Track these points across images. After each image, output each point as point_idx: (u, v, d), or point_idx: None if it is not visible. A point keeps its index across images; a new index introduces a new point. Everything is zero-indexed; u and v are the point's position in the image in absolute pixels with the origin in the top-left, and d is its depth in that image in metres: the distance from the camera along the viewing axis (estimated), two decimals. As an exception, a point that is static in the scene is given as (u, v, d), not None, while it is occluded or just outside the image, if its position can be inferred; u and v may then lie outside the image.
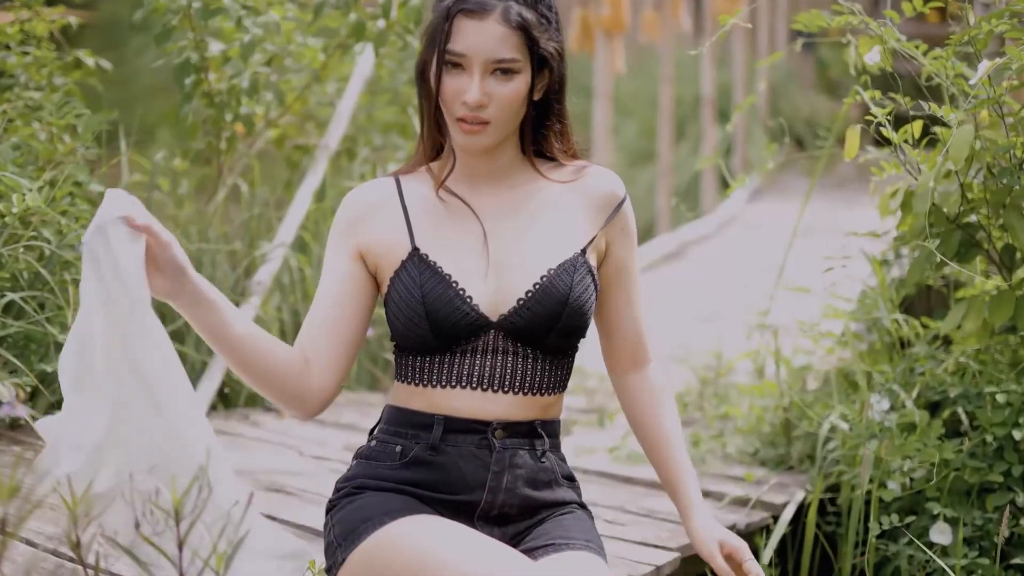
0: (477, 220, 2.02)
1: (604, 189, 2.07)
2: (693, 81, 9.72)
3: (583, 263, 2.02)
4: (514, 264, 2.00)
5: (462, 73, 1.96)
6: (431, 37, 1.97)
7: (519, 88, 1.96)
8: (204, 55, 3.83)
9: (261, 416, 3.81)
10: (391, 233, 2.02)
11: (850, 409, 3.32)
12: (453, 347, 1.99)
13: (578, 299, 2.00)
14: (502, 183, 2.04)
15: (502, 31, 1.94)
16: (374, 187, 2.07)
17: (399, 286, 2.00)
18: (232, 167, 4.13)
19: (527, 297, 1.99)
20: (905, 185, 3.19)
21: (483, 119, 1.96)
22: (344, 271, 2.04)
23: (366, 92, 4.36)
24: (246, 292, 3.82)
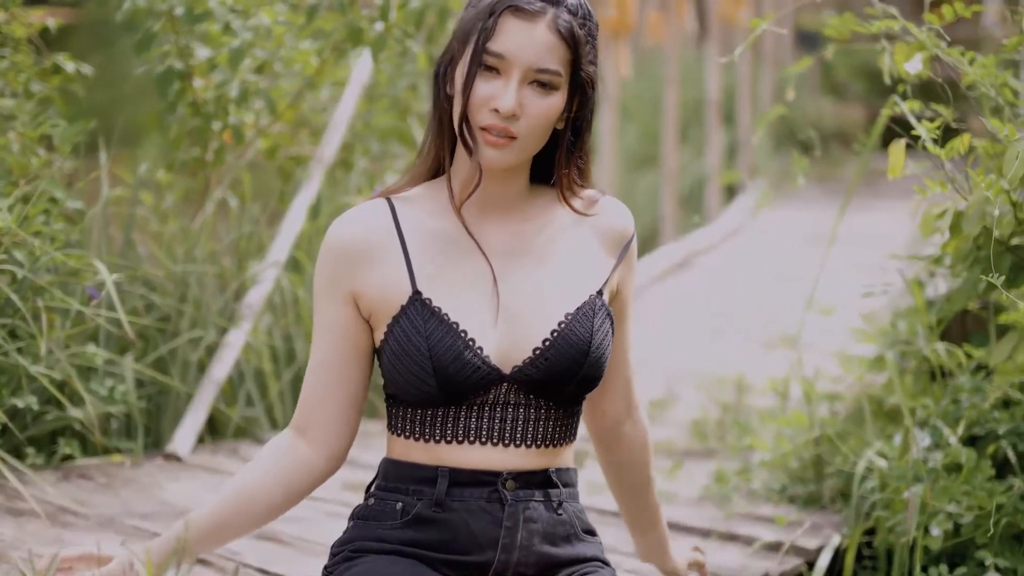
0: (484, 258, 1.85)
1: (616, 224, 1.93)
2: (695, 84, 9.49)
3: (601, 305, 1.87)
4: (527, 309, 1.84)
5: (496, 77, 1.79)
6: (467, 32, 1.80)
7: (555, 106, 1.80)
8: (189, 62, 3.57)
9: (250, 450, 3.55)
10: (388, 274, 1.84)
11: (889, 446, 3.08)
12: (459, 401, 1.83)
13: (599, 347, 1.85)
14: (512, 215, 1.87)
15: (551, 39, 1.78)
16: (365, 219, 1.85)
17: (399, 335, 1.82)
18: (220, 180, 3.87)
19: (544, 347, 1.83)
20: (952, 205, 2.94)
21: (511, 132, 1.78)
22: (341, 323, 1.86)
23: (363, 98, 4.10)
24: (235, 316, 3.56)
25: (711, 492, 3.44)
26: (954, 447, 2.90)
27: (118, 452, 3.28)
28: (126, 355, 3.33)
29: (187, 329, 3.49)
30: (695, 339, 5.76)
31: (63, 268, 3.16)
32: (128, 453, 3.30)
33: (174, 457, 3.35)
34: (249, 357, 3.61)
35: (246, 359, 3.61)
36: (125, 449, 3.30)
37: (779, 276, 7.10)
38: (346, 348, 1.86)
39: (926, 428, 3.03)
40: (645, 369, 5.07)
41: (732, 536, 3.11)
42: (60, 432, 3.20)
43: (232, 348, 3.51)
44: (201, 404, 3.44)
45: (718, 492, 3.43)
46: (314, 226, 3.81)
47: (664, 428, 4.23)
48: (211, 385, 3.46)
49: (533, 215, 1.88)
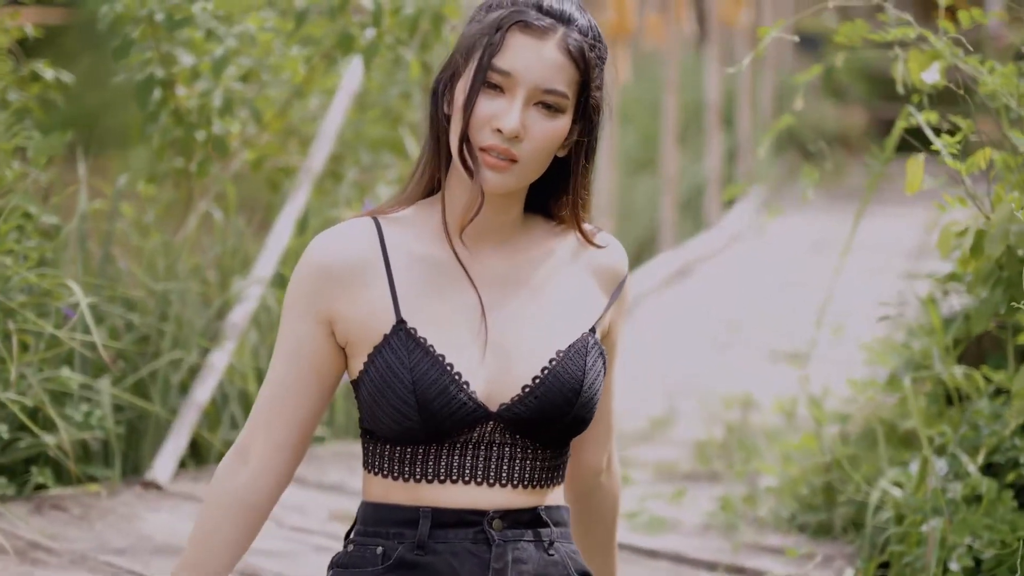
0: (473, 289, 1.75)
1: (611, 262, 1.83)
2: (695, 87, 9.35)
3: (594, 344, 1.78)
4: (517, 345, 1.75)
5: (500, 96, 1.69)
6: (471, 47, 1.71)
7: (560, 130, 1.71)
8: (171, 70, 3.41)
9: (236, 475, 3.39)
10: (372, 300, 1.73)
11: (905, 475, 2.93)
12: (441, 439, 1.73)
13: (591, 387, 1.76)
14: (505, 245, 1.78)
15: (560, 59, 1.69)
16: (350, 238, 1.75)
17: (381, 366, 1.71)
18: (205, 192, 3.72)
19: (534, 384, 1.73)
20: (973, 222, 2.80)
21: (513, 155, 1.69)
22: (308, 345, 1.75)
23: (354, 107, 3.95)
24: (218, 336, 3.41)
25: (716, 520, 3.30)
26: (974, 477, 2.76)
27: (94, 481, 3.13)
28: (103, 378, 3.17)
29: (168, 350, 3.34)
30: (696, 351, 5.62)
31: (37, 288, 3.01)
32: (105, 482, 3.15)
33: (153, 485, 3.19)
34: (233, 378, 3.46)
35: (230, 380, 3.46)
36: (102, 477, 3.15)
37: (782, 285, 6.96)
38: (307, 371, 1.75)
39: (943, 456, 2.89)
40: (644, 382, 4.93)
41: (739, 569, 2.97)
42: (33, 460, 3.06)
43: (215, 370, 3.36)
44: (182, 429, 3.28)
45: (724, 520, 3.29)
46: (301, 241, 3.66)
47: (665, 448, 4.09)
48: (193, 409, 3.31)
49: (527, 246, 1.79)
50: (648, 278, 6.95)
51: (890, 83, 3.04)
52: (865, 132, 10.79)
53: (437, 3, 3.58)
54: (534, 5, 1.70)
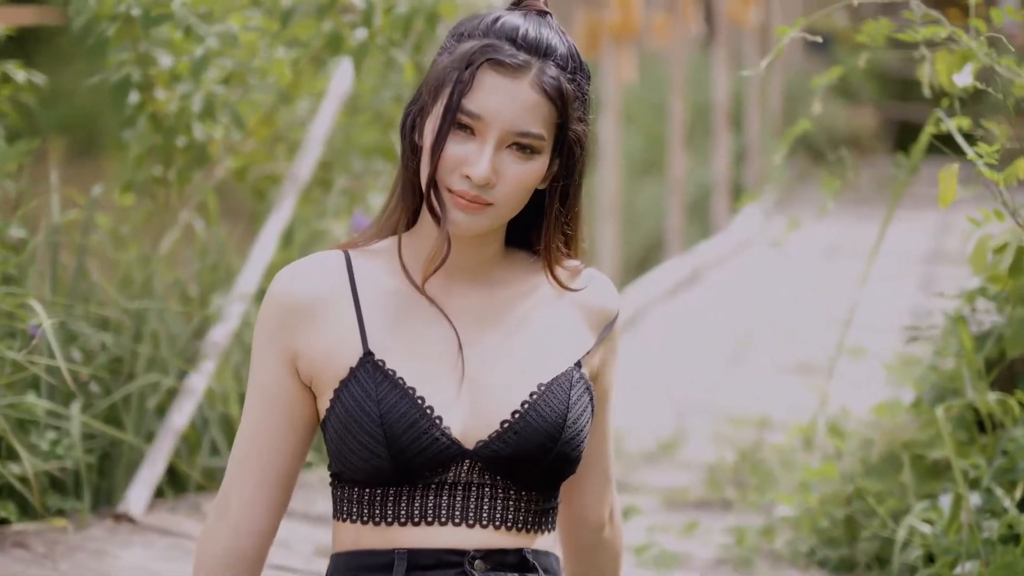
0: (448, 324, 1.66)
1: (600, 300, 1.74)
2: (701, 88, 9.13)
3: (580, 378, 1.68)
4: (495, 379, 1.65)
5: (470, 139, 1.60)
6: (440, 83, 1.62)
7: (536, 171, 1.62)
8: (148, 71, 3.20)
9: (216, 506, 3.17)
10: (337, 333, 1.65)
11: (936, 512, 2.71)
12: (414, 480, 1.63)
13: (576, 422, 1.66)
14: (483, 280, 1.69)
15: (534, 98, 1.59)
16: (316, 270, 1.67)
17: (347, 401, 1.63)
18: (186, 201, 3.51)
19: (513, 419, 1.63)
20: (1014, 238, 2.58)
21: (485, 200, 1.61)
22: (275, 387, 1.66)
23: (344, 111, 3.74)
24: (197, 356, 3.19)
25: (730, 554, 3.09)
26: (1011, 514, 2.55)
27: (61, 515, 2.91)
28: (72, 404, 2.96)
29: (143, 372, 3.12)
30: (705, 364, 5.40)
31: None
32: (73, 515, 2.93)
33: (126, 518, 2.98)
34: (214, 402, 3.24)
35: (210, 404, 3.24)
36: (70, 510, 2.93)
37: (794, 293, 6.74)
38: (278, 415, 1.66)
39: (977, 490, 2.68)
40: (650, 397, 4.72)
41: (756, 611, 2.75)
42: (-5, 493, 2.84)
43: (194, 393, 3.14)
44: (158, 457, 3.07)
45: (738, 555, 3.08)
46: (286, 254, 3.44)
47: (674, 473, 3.87)
48: (170, 435, 3.09)
49: (506, 282, 1.70)
50: (654, 286, 6.73)
51: (902, 83, 2.86)
52: (876, 133, 10.60)
53: (432, 2, 3.37)
54: (508, 37, 1.60)
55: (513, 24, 1.61)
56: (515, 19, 1.62)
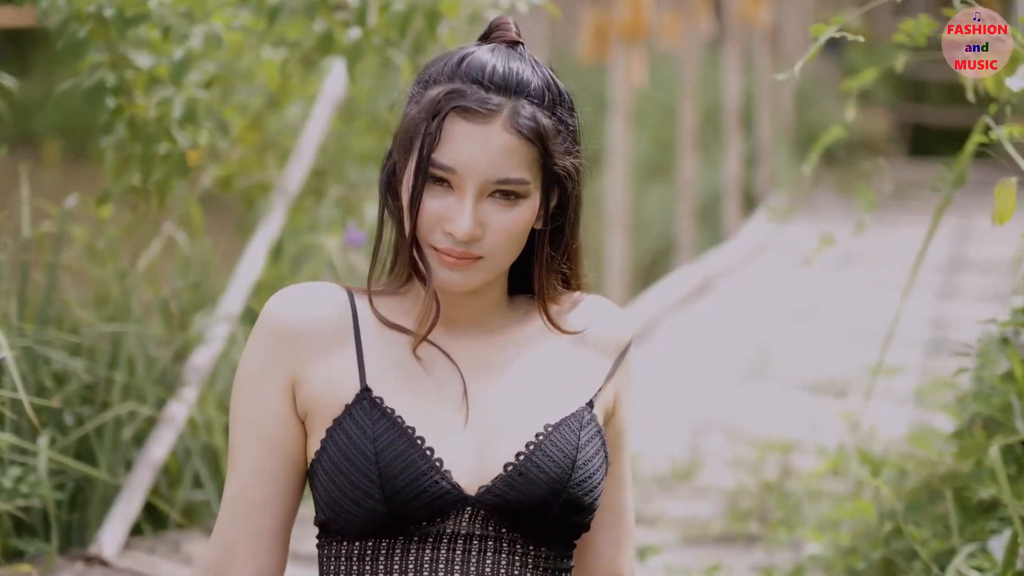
0: (453, 368, 1.56)
1: (609, 331, 1.63)
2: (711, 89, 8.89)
3: (591, 419, 1.57)
4: (500, 422, 1.55)
5: (448, 192, 1.51)
6: (409, 137, 1.52)
7: (524, 217, 1.52)
8: (124, 75, 2.95)
9: (196, 544, 2.93)
10: (336, 366, 1.54)
11: (988, 560, 2.47)
12: (410, 529, 1.49)
13: (586, 464, 1.53)
14: (482, 327, 1.60)
15: (509, 142, 1.49)
16: (318, 295, 1.57)
17: (340, 440, 1.51)
18: (168, 213, 3.27)
19: (518, 462, 1.51)
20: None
21: (474, 254, 1.51)
22: (273, 420, 1.53)
23: (338, 117, 3.49)
24: (177, 383, 2.94)
25: (757, 603, 2.84)
26: (1070, 562, 2.31)
27: (23, 558, 2.66)
28: (40, 437, 2.71)
29: (119, 400, 2.88)
30: (720, 380, 5.16)
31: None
32: (39, 558, 2.69)
33: (98, 560, 2.74)
34: (197, 431, 3.00)
35: (192, 434, 3.00)
36: (36, 553, 2.69)
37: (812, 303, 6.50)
38: (278, 455, 1.53)
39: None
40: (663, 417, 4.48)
41: (788, 667, 2.51)
42: (-48, 536, 2.60)
43: (174, 423, 2.90)
44: (134, 493, 2.82)
45: (766, 601, 2.83)
46: (276, 271, 3.20)
47: (692, 502, 3.63)
48: (147, 469, 2.85)
49: (509, 328, 1.60)
50: (664, 297, 6.49)
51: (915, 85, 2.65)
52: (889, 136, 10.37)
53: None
54: (474, 78, 1.49)
55: (480, 63, 1.50)
56: (482, 56, 1.51)
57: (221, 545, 1.52)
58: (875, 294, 6.60)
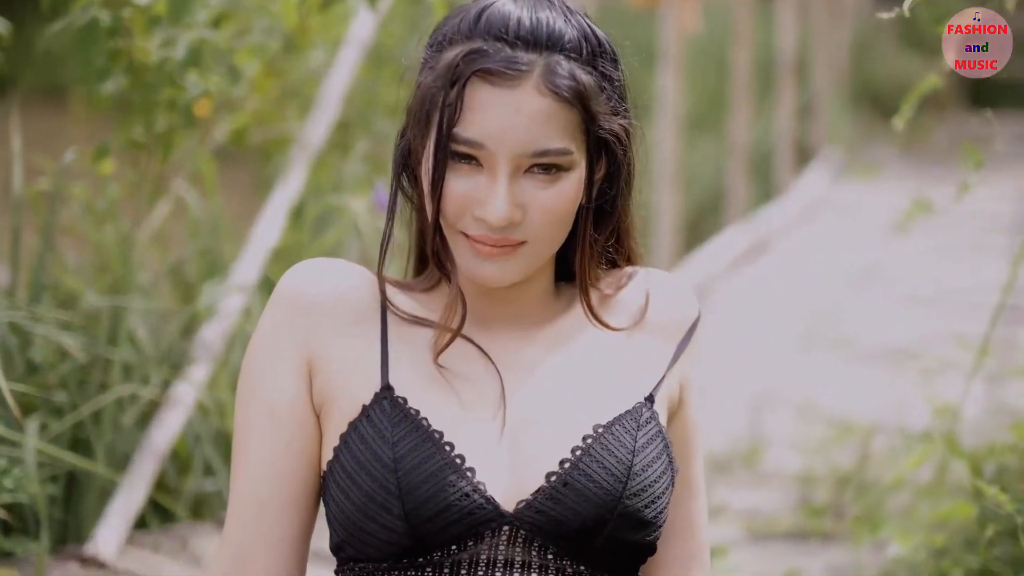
0: (489, 365, 1.39)
1: (671, 310, 1.45)
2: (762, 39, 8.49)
3: (651, 417, 1.38)
4: (542, 423, 1.37)
5: (477, 171, 1.33)
6: (425, 109, 1.34)
7: (570, 192, 1.34)
8: (120, 14, 2.63)
9: (205, 540, 2.63)
10: (357, 353, 1.38)
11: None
12: (436, 554, 1.32)
13: (646, 470, 1.34)
14: (525, 320, 1.42)
15: (545, 106, 1.31)
16: (344, 270, 1.41)
17: (355, 445, 1.34)
18: (176, 170, 2.96)
19: (563, 470, 1.33)
20: None
21: (514, 240, 1.34)
22: (290, 403, 1.36)
23: (366, 63, 3.16)
24: (183, 360, 2.63)
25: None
26: None
27: (11, 558, 2.37)
28: (28, 424, 2.41)
29: (119, 381, 2.57)
30: (779, 349, 4.82)
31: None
32: (27, 560, 2.39)
33: (95, 562, 2.43)
34: (207, 415, 2.69)
35: (202, 417, 2.69)
36: (24, 554, 2.39)
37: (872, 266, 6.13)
38: (297, 445, 1.35)
39: None
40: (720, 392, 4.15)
41: None
42: (-72, 538, 2.31)
43: (180, 405, 2.59)
44: (136, 485, 2.52)
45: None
46: (295, 236, 2.88)
47: (756, 491, 3.30)
48: (151, 458, 2.54)
49: (554, 319, 1.42)
50: (715, 259, 6.13)
51: None
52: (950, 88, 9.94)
53: (469, -74, 2.77)
54: (497, 34, 1.31)
55: (502, 16, 1.31)
56: (504, 8, 1.32)
57: (232, 553, 1.36)
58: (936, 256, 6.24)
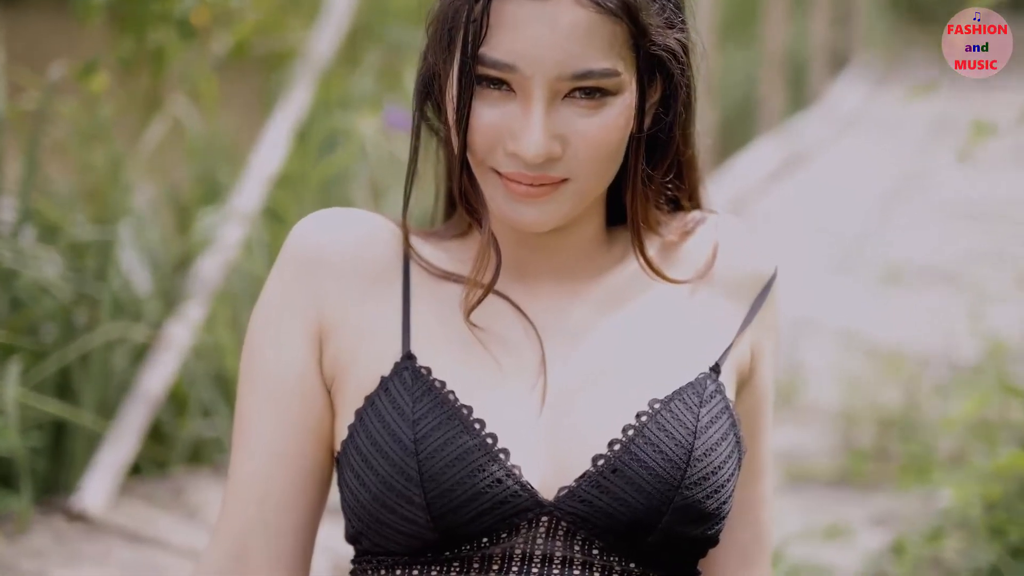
0: (529, 328, 1.22)
1: (741, 261, 1.26)
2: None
3: (716, 390, 1.20)
4: (590, 402, 1.20)
5: (508, 98, 1.15)
6: (446, 30, 1.16)
7: (617, 120, 1.15)
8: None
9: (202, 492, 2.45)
10: (374, 319, 1.22)
11: None
12: (464, 547, 1.17)
13: (709, 454, 1.18)
14: (569, 275, 1.25)
15: (586, 19, 1.13)
16: (366, 222, 1.24)
17: (372, 425, 1.18)
18: (173, 87, 2.74)
19: (612, 453, 1.17)
20: None
21: (554, 178, 1.15)
22: (292, 377, 1.20)
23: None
24: (178, 298, 2.43)
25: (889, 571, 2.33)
26: None
27: (-8, 517, 2.20)
28: (8, 367, 2.22)
29: (108, 319, 2.38)
30: (813, 272, 4.60)
31: None
32: (8, 517, 2.21)
33: (81, 517, 2.26)
34: (204, 355, 2.50)
35: (198, 357, 2.50)
36: (4, 511, 2.22)
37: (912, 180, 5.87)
38: (299, 430, 1.20)
39: None
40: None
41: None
42: (-102, 493, 2.14)
43: (175, 347, 2.40)
44: (125, 434, 2.34)
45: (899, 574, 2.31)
46: (300, 160, 2.66)
47: (793, 429, 3.10)
48: (142, 405, 2.36)
49: (606, 272, 1.25)
50: (748, 174, 5.89)
51: None
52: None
53: None
54: None
55: None
56: None
57: (228, 547, 1.20)
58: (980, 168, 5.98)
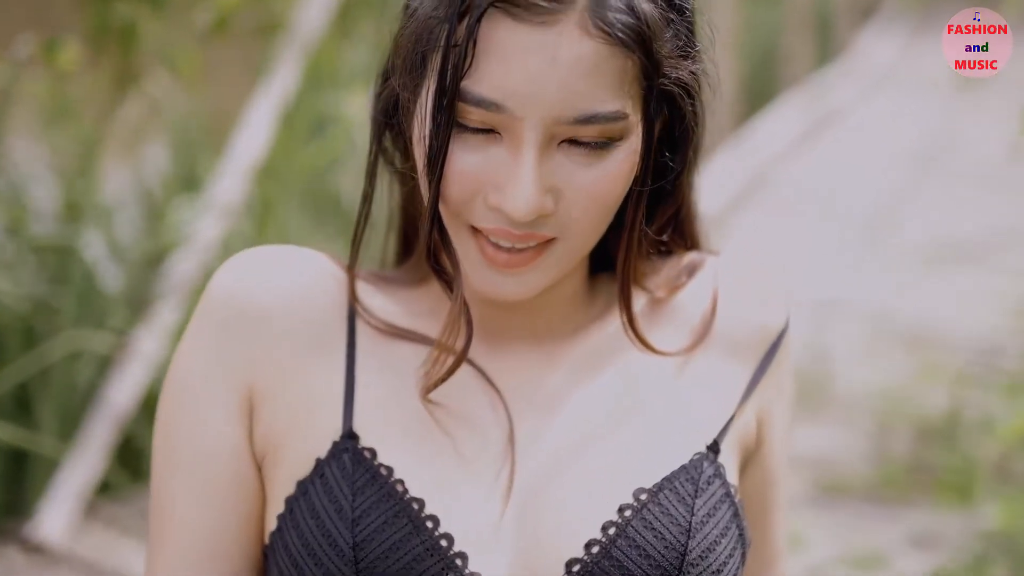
0: (497, 400, 1.04)
1: (745, 311, 1.06)
2: None
3: (714, 474, 1.01)
4: (565, 489, 1.02)
5: (493, 142, 0.95)
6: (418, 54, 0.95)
7: (620, 170, 0.96)
8: None
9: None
10: (311, 387, 1.02)
11: None
12: None
13: (708, 555, 1.00)
14: (547, 334, 1.06)
15: (592, 52, 0.93)
16: (303, 265, 1.04)
17: (302, 520, 0.99)
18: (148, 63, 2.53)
19: (591, 558, 0.99)
20: None
21: (542, 236, 0.97)
22: (226, 445, 1.01)
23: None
24: (146, 301, 2.23)
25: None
26: None
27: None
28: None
29: (69, 326, 2.17)
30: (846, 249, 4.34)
31: None
32: (-40, 550, 2.03)
33: (37, 549, 2.07)
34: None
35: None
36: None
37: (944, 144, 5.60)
38: (231, 513, 1.02)
39: None
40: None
41: None
42: None
43: (142, 357, 2.18)
44: (89, 455, 2.14)
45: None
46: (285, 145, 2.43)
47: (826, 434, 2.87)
48: (106, 423, 2.15)
49: (589, 329, 1.07)
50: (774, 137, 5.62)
51: None
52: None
53: None
54: None
55: None
56: None
57: None
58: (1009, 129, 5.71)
